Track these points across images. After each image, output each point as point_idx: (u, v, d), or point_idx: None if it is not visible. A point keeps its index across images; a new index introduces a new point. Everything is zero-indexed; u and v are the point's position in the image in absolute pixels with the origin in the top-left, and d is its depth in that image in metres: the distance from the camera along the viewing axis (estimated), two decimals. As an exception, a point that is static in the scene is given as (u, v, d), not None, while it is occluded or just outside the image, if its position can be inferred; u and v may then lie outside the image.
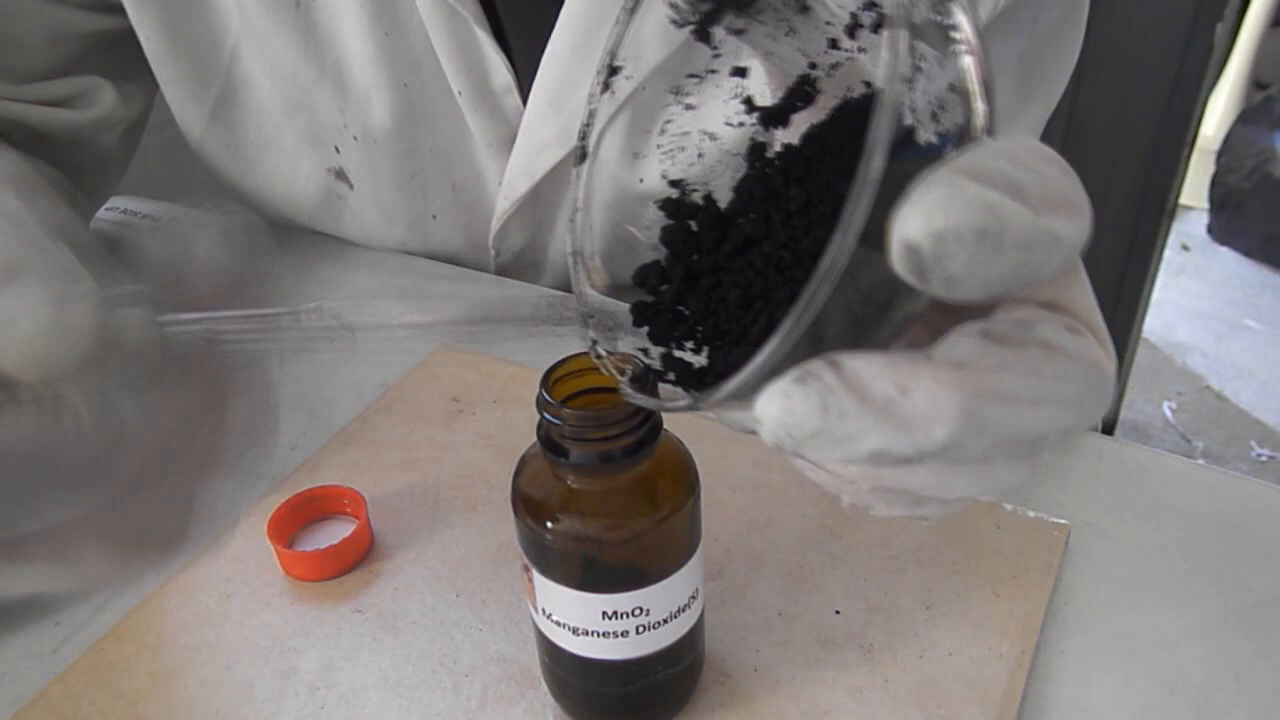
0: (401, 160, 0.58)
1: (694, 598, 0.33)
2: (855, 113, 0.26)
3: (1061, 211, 0.20)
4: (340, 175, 0.60)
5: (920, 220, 0.18)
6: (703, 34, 0.28)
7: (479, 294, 0.61)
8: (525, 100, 0.54)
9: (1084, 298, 0.24)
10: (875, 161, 0.18)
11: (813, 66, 0.28)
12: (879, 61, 0.18)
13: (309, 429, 0.50)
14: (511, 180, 0.56)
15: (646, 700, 0.34)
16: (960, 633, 0.38)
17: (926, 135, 0.21)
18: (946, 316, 0.24)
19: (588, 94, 0.28)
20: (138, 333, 0.22)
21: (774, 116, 0.28)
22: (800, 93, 0.28)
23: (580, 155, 0.29)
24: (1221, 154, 2.11)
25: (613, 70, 0.28)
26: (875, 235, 0.18)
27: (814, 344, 0.20)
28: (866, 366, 0.20)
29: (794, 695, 0.36)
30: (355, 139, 0.57)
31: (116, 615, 0.40)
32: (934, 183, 0.18)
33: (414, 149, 0.58)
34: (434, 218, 0.61)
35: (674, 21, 0.28)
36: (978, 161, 0.19)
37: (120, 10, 0.54)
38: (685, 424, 0.47)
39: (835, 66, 0.27)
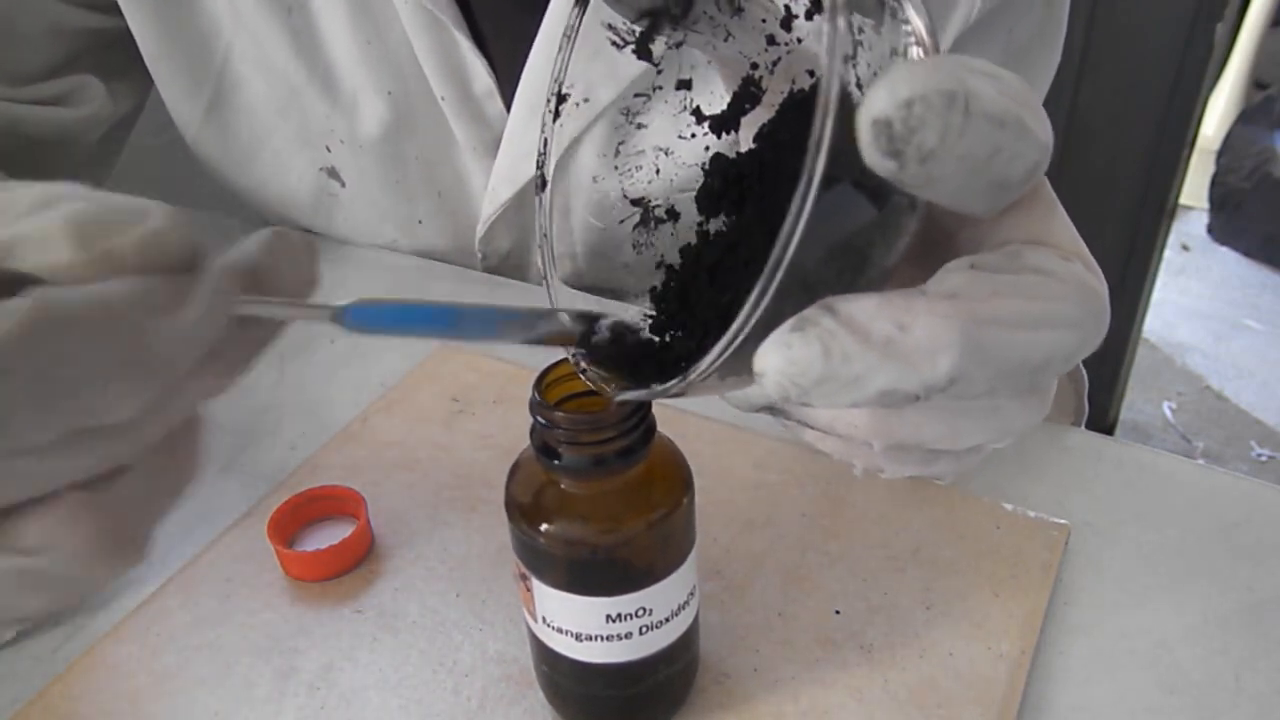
0: (388, 166, 0.59)
1: (692, 594, 0.33)
2: (803, 103, 0.26)
3: (1026, 109, 0.20)
4: (333, 173, 0.60)
5: (887, 93, 0.18)
6: (643, 51, 0.28)
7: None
8: (508, 105, 0.54)
9: (1067, 232, 0.24)
10: (832, 93, 0.18)
11: (754, 67, 0.28)
12: (820, 42, 0.19)
13: (309, 429, 0.50)
14: (496, 186, 0.57)
15: (647, 702, 0.34)
16: (960, 633, 0.38)
17: None
18: (931, 260, 0.24)
19: (540, 123, 0.28)
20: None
21: (724, 123, 0.28)
22: (746, 95, 0.28)
23: (540, 184, 0.29)
24: (1221, 154, 2.11)
25: (561, 98, 0.28)
26: (840, 175, 0.18)
27: (802, 298, 0.20)
28: (862, 307, 0.20)
29: (794, 695, 0.36)
30: (342, 142, 0.58)
31: (116, 615, 0.40)
32: (894, 67, 0.18)
33: (400, 155, 0.58)
34: (420, 222, 0.61)
35: (613, 43, 0.28)
36: (934, 57, 0.19)
37: (116, 10, 0.55)
38: (684, 424, 0.47)
39: (776, 63, 0.27)
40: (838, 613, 0.39)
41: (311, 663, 0.38)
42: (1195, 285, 2.06)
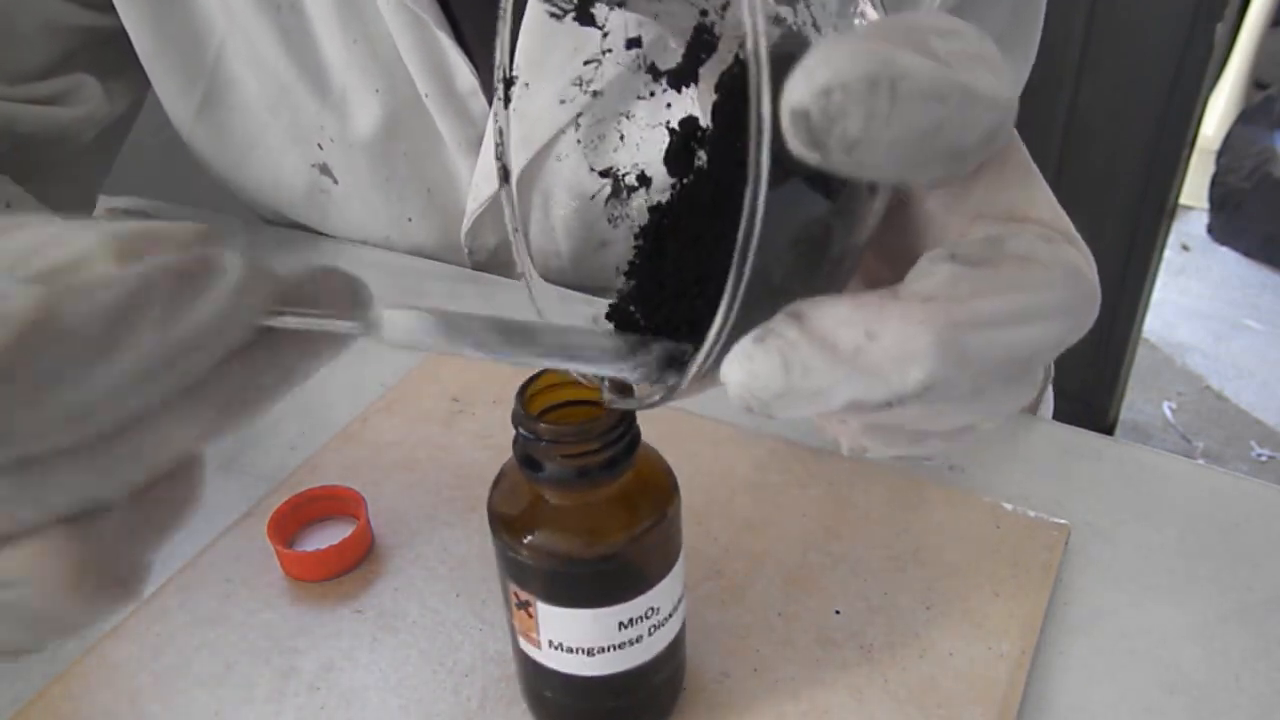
0: (377, 164, 0.59)
1: (681, 598, 0.33)
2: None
3: (978, 66, 0.19)
4: (325, 170, 0.60)
5: (804, 81, 0.17)
6: (584, 17, 0.27)
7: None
8: (491, 102, 0.54)
9: (1047, 203, 0.22)
10: (764, 104, 0.17)
11: (704, 14, 0.26)
12: None
13: (309, 429, 0.50)
14: (478, 183, 0.57)
15: (648, 705, 0.34)
16: (960, 633, 0.38)
17: None
18: (902, 227, 0.23)
19: (491, 112, 0.28)
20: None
21: (682, 76, 0.27)
22: (700, 44, 0.27)
23: (503, 176, 0.28)
24: (1221, 154, 2.11)
25: (508, 83, 0.27)
26: (788, 165, 0.18)
27: (769, 296, 0.19)
28: (830, 315, 0.19)
29: (794, 695, 0.36)
30: (333, 140, 0.58)
31: (116, 615, 0.40)
32: (815, 48, 0.17)
33: (389, 153, 0.58)
34: (410, 220, 0.61)
35: (552, 14, 0.27)
36: (871, 26, 0.18)
37: (112, 8, 0.55)
38: (685, 423, 0.47)
39: (725, 6, 0.26)
40: (838, 613, 0.39)
41: (311, 663, 0.38)
42: (1195, 285, 2.06)
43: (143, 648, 0.39)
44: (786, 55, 0.17)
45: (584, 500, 0.30)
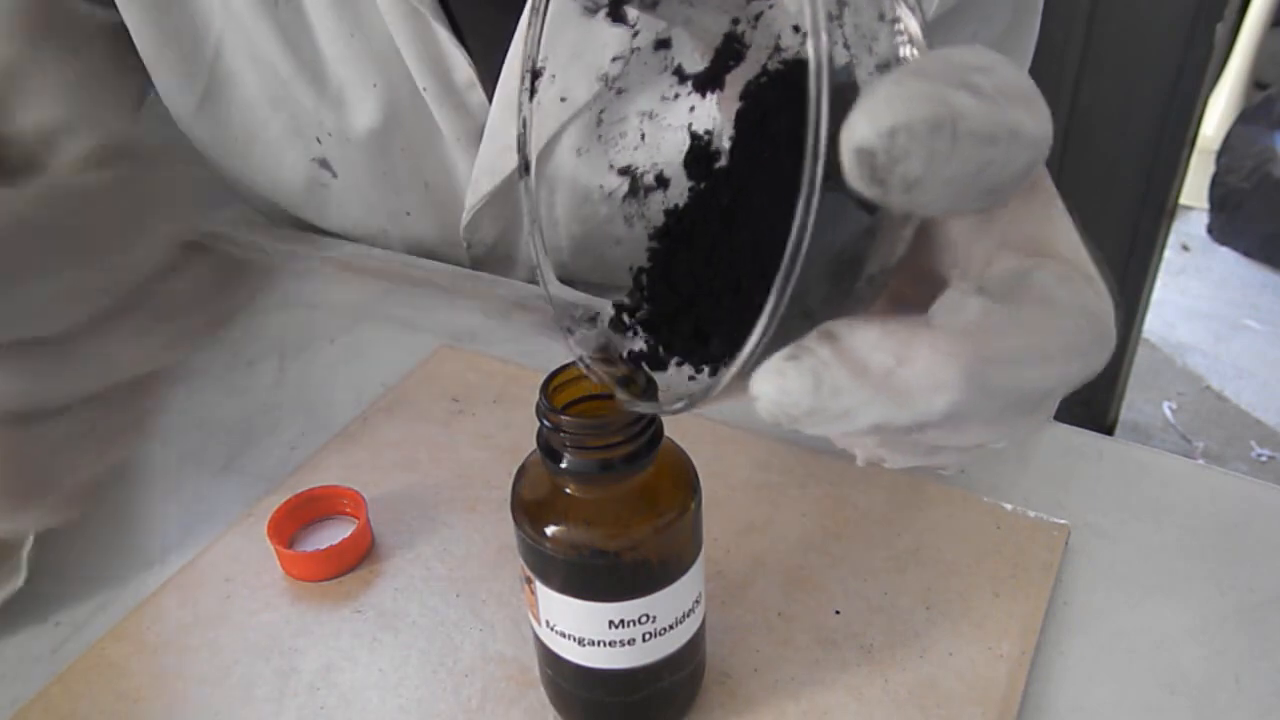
0: (375, 158, 0.59)
1: (697, 602, 0.33)
2: (789, 61, 0.25)
3: (1019, 105, 0.19)
4: (324, 164, 0.60)
5: (868, 122, 0.17)
6: (616, 15, 0.27)
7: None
8: (490, 95, 0.54)
9: (1069, 239, 0.23)
10: (822, 130, 0.17)
11: (736, 22, 0.27)
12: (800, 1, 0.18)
13: (309, 429, 0.50)
14: (478, 177, 0.57)
15: (651, 708, 0.34)
16: (960, 633, 0.38)
17: (866, 69, 0.20)
18: (922, 248, 0.23)
19: (517, 103, 0.28)
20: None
21: (707, 81, 0.27)
22: (730, 51, 0.27)
23: (523, 168, 0.28)
24: (1221, 154, 2.11)
25: (535, 75, 0.27)
26: (835, 182, 0.18)
27: (801, 315, 0.20)
28: (863, 338, 0.20)
29: (794, 695, 0.36)
30: (330, 134, 0.58)
31: (116, 615, 0.40)
32: (876, 88, 0.18)
33: (387, 147, 0.59)
34: (408, 214, 0.62)
35: (586, 8, 0.27)
36: (920, 64, 0.19)
37: (112, 4, 0.55)
38: (684, 424, 0.47)
39: (758, 17, 0.26)
40: (838, 613, 0.39)
41: (311, 663, 0.38)
42: (1195, 285, 2.06)
43: (143, 648, 0.39)
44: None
45: (603, 494, 0.30)
